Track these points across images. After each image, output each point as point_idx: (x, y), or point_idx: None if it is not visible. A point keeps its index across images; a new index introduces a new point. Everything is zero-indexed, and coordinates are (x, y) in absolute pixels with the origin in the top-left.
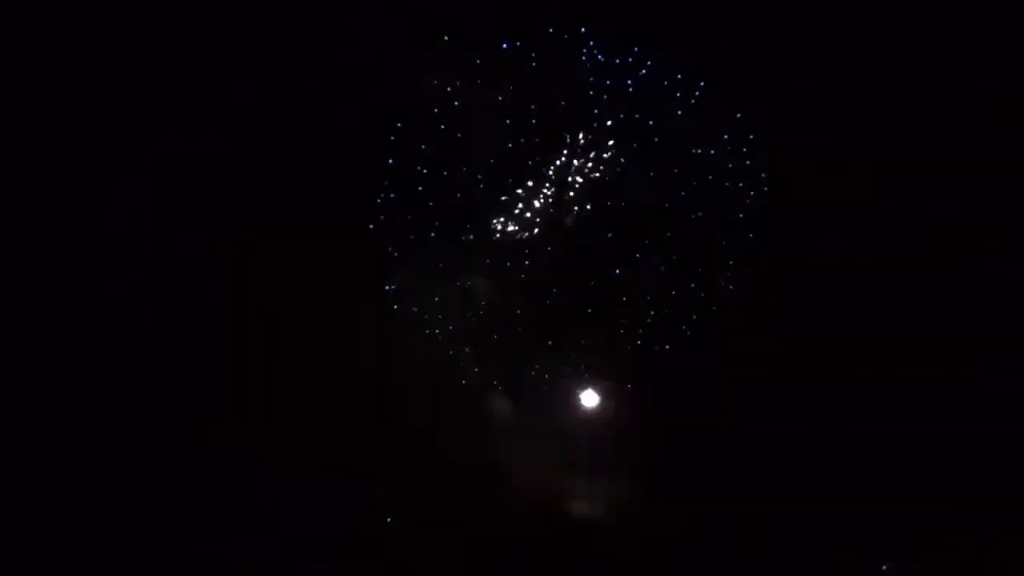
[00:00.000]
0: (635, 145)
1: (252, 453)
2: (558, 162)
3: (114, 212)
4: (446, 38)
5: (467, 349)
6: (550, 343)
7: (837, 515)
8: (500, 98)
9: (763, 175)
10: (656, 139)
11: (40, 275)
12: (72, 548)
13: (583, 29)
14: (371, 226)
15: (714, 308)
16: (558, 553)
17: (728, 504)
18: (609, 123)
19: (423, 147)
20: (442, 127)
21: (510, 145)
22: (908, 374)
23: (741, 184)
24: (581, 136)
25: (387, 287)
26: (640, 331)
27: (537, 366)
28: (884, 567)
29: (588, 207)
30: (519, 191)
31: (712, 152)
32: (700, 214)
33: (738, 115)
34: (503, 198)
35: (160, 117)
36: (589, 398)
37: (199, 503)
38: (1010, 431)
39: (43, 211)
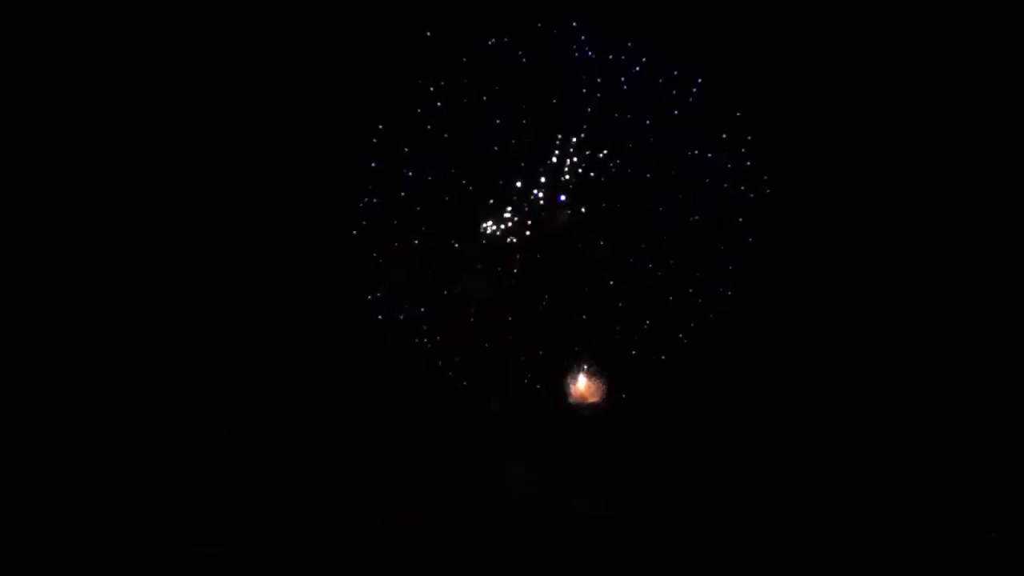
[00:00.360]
0: (630, 145)
1: (252, 453)
2: (550, 162)
3: (114, 213)
4: (429, 34)
5: (457, 358)
6: (541, 352)
7: (837, 515)
8: (485, 98)
9: (765, 177)
10: (652, 139)
11: (40, 276)
12: (72, 548)
13: (574, 24)
14: (354, 232)
15: (711, 315)
16: (558, 553)
17: (728, 504)
18: (603, 122)
19: (406, 150)
20: (428, 127)
21: (497, 148)
22: (908, 374)
23: (742, 187)
24: (574, 136)
25: (369, 296)
26: (635, 338)
27: (529, 376)
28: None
29: (582, 210)
30: (509, 193)
31: (709, 155)
32: (697, 217)
33: (738, 114)
34: (491, 201)
35: (160, 119)
36: (584, 402)
37: (199, 503)
38: (1010, 431)
39: (44, 213)
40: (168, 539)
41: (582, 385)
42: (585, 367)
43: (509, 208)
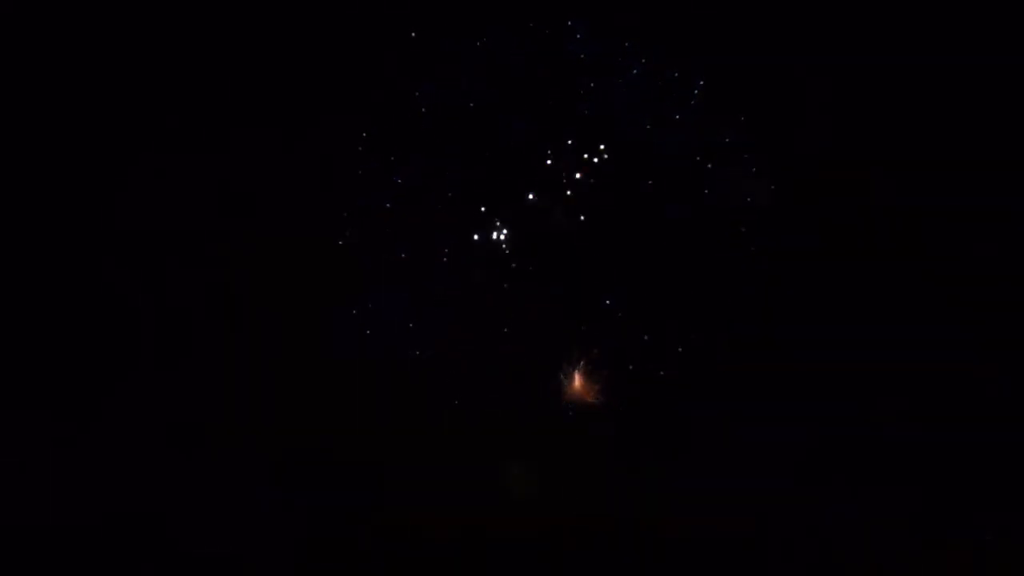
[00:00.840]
0: (628, 150)
1: (252, 453)
2: (546, 166)
3: (114, 213)
4: (414, 34)
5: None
6: (538, 358)
7: (837, 515)
8: (472, 105)
9: (772, 187)
10: (651, 143)
11: (40, 276)
12: (72, 548)
13: (569, 23)
14: (340, 242)
15: (712, 327)
16: (558, 553)
17: (728, 504)
18: (599, 126)
19: (392, 158)
20: (421, 129)
21: (487, 154)
22: (908, 374)
23: (748, 199)
24: (569, 140)
25: (353, 311)
26: (633, 351)
27: (526, 379)
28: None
29: (580, 218)
30: (502, 201)
31: (709, 166)
32: (697, 227)
33: (742, 118)
34: (483, 209)
35: (160, 119)
36: (581, 402)
37: (199, 504)
38: (1010, 430)
39: (44, 213)
40: (168, 540)
41: (579, 385)
42: (582, 365)
43: (503, 214)
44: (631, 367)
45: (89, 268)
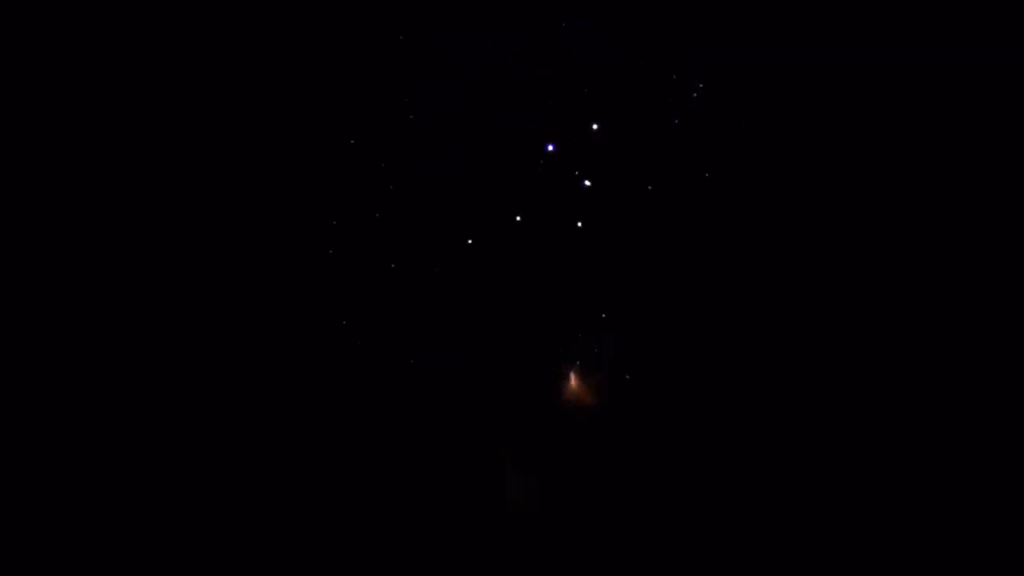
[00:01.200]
0: (626, 153)
1: (252, 454)
2: (538, 170)
3: (114, 213)
4: (402, 38)
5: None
6: (535, 359)
7: (837, 515)
8: (463, 106)
9: (772, 189)
10: (650, 147)
11: (40, 275)
12: (72, 548)
13: (564, 24)
14: (331, 251)
15: (708, 332)
16: (557, 553)
17: (728, 504)
18: (594, 128)
19: (382, 165)
20: (405, 136)
21: (479, 158)
22: (909, 375)
23: (750, 207)
24: (564, 143)
25: (343, 321)
26: (631, 360)
27: (524, 380)
28: None
29: (578, 224)
30: (495, 206)
31: (707, 173)
32: (696, 231)
33: (743, 122)
34: (478, 214)
35: (160, 119)
36: (579, 402)
37: (199, 504)
38: (1010, 429)
39: (44, 213)
40: (169, 540)
41: (576, 386)
42: (578, 365)
43: (495, 222)
44: (628, 376)
45: (89, 268)
